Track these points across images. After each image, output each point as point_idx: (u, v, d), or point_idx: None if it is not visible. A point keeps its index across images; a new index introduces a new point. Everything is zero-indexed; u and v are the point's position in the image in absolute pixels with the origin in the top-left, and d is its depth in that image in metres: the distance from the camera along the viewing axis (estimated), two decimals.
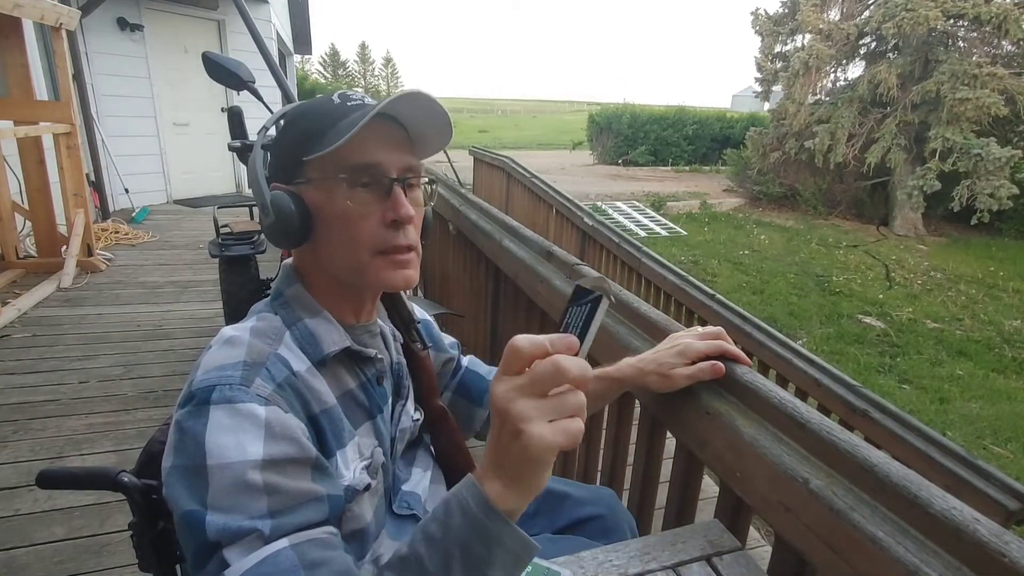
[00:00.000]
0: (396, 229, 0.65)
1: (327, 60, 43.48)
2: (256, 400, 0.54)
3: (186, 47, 6.12)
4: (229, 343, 0.60)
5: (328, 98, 0.67)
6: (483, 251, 1.86)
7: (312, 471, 0.56)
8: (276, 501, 0.51)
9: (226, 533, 0.48)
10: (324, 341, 0.66)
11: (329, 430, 0.63)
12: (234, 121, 1.88)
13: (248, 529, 0.49)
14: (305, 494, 0.53)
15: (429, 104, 0.64)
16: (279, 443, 0.53)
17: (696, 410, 0.82)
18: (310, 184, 0.64)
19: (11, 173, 3.66)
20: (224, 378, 0.55)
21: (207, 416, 0.53)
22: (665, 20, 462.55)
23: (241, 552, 0.48)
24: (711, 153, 17.00)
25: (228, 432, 0.52)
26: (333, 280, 0.68)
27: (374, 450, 0.69)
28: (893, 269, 8.00)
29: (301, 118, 0.66)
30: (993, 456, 3.77)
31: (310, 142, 0.63)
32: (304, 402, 0.61)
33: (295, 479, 0.53)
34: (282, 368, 0.60)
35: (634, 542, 0.71)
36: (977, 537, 0.51)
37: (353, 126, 0.60)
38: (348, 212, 0.63)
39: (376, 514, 0.69)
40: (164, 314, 3.19)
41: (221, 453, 0.51)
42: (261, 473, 0.51)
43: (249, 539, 0.48)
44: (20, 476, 1.81)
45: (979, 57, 9.72)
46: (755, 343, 2.22)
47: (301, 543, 0.50)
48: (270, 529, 0.49)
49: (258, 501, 0.50)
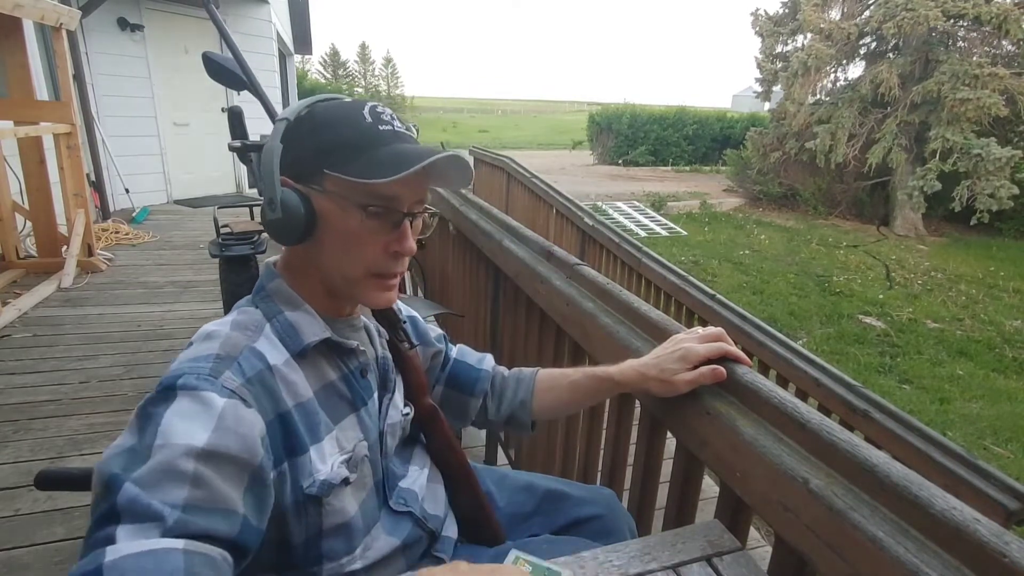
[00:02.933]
0: (395, 259, 0.68)
1: (327, 60, 43.43)
2: (220, 391, 0.55)
3: (186, 47, 6.12)
4: (207, 338, 0.62)
5: (358, 111, 0.66)
6: (483, 251, 1.86)
7: (248, 478, 0.54)
8: (196, 495, 0.49)
9: (133, 505, 0.46)
10: (304, 332, 0.67)
11: (303, 424, 0.63)
12: (234, 121, 1.88)
13: (154, 512, 0.46)
14: (227, 501, 0.51)
15: (460, 165, 0.68)
16: (226, 436, 0.53)
17: (696, 410, 0.82)
18: (325, 194, 0.65)
19: (11, 173, 3.66)
20: (194, 368, 0.56)
21: (172, 401, 0.53)
22: (665, 20, 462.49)
23: (133, 533, 0.45)
24: (711, 153, 17.00)
25: (185, 417, 0.52)
26: (320, 280, 0.70)
27: (357, 444, 0.69)
28: (893, 269, 8.00)
29: (328, 127, 0.65)
30: (993, 456, 3.77)
31: (335, 156, 0.64)
32: (275, 398, 0.61)
33: (226, 480, 0.52)
34: (256, 363, 0.61)
35: (634, 542, 0.71)
36: (977, 537, 0.51)
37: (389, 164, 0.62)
38: (357, 233, 0.65)
39: (363, 508, 0.69)
40: (164, 314, 3.19)
41: (169, 434, 0.51)
42: (195, 462, 0.50)
43: (149, 524, 0.46)
44: (20, 476, 1.81)
45: (980, 57, 9.73)
46: (755, 343, 2.21)
47: (195, 552, 0.46)
48: (174, 521, 0.47)
49: (179, 488, 0.48)
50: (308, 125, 0.67)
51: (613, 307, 1.13)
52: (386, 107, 0.69)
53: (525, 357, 1.64)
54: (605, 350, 1.09)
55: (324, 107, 0.68)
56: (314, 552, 0.65)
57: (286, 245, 0.69)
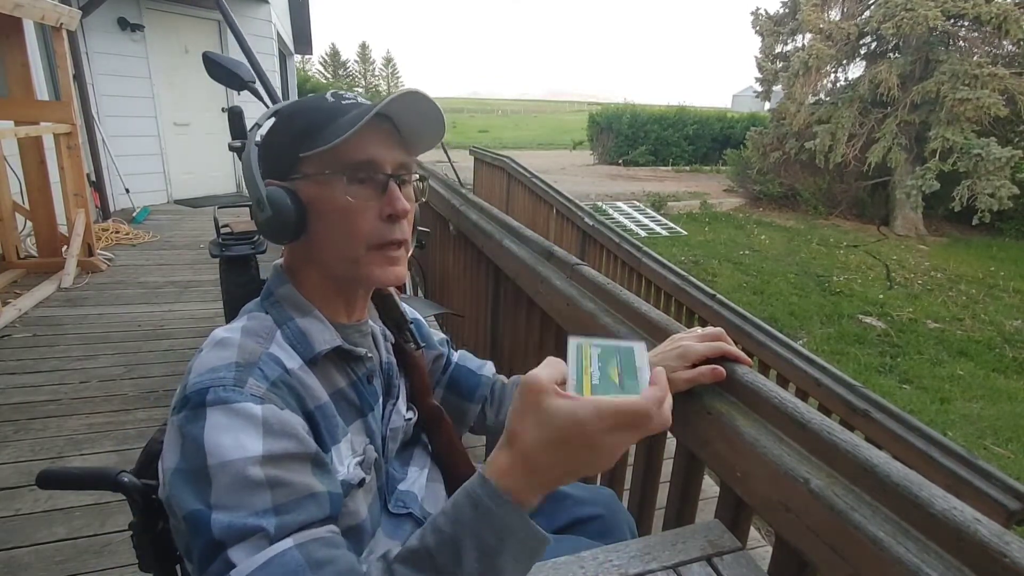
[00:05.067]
0: (392, 223, 0.67)
1: (327, 60, 43.50)
2: (251, 399, 0.55)
3: (186, 47, 6.12)
4: (220, 345, 0.61)
5: (321, 96, 0.68)
6: (483, 251, 1.86)
7: (312, 466, 0.56)
8: (280, 495, 0.51)
9: (231, 531, 0.48)
10: (315, 340, 0.66)
11: (324, 426, 0.63)
12: (234, 121, 1.89)
13: (253, 528, 0.48)
14: (307, 488, 0.53)
15: (425, 103, 0.66)
16: (278, 439, 0.54)
17: (697, 410, 0.82)
18: (306, 180, 0.65)
19: (12, 173, 3.66)
20: (217, 380, 0.55)
21: (204, 418, 0.53)
22: (665, 20, 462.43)
23: (247, 552, 0.48)
24: (711, 153, 17.00)
25: (226, 432, 0.52)
26: (325, 277, 0.69)
27: (366, 447, 0.70)
28: (894, 269, 8.00)
29: (296, 116, 0.67)
30: (994, 456, 3.77)
31: (306, 139, 0.64)
32: (299, 398, 0.61)
33: (297, 473, 0.54)
34: (275, 367, 0.61)
35: (634, 542, 0.71)
36: (978, 538, 0.51)
37: (351, 124, 0.61)
38: (346, 207, 0.64)
39: (371, 511, 0.69)
40: (164, 314, 3.19)
41: (221, 452, 0.51)
42: (262, 468, 0.51)
43: (254, 538, 0.48)
44: (21, 476, 1.81)
45: (980, 57, 9.72)
46: (755, 343, 2.22)
47: (306, 542, 0.50)
48: (275, 528, 0.49)
49: (262, 496, 0.50)
50: (277, 123, 0.69)
51: (613, 307, 1.13)
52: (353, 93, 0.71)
53: (525, 357, 1.64)
54: None
55: (289, 104, 0.71)
56: None
57: (283, 243, 0.69)
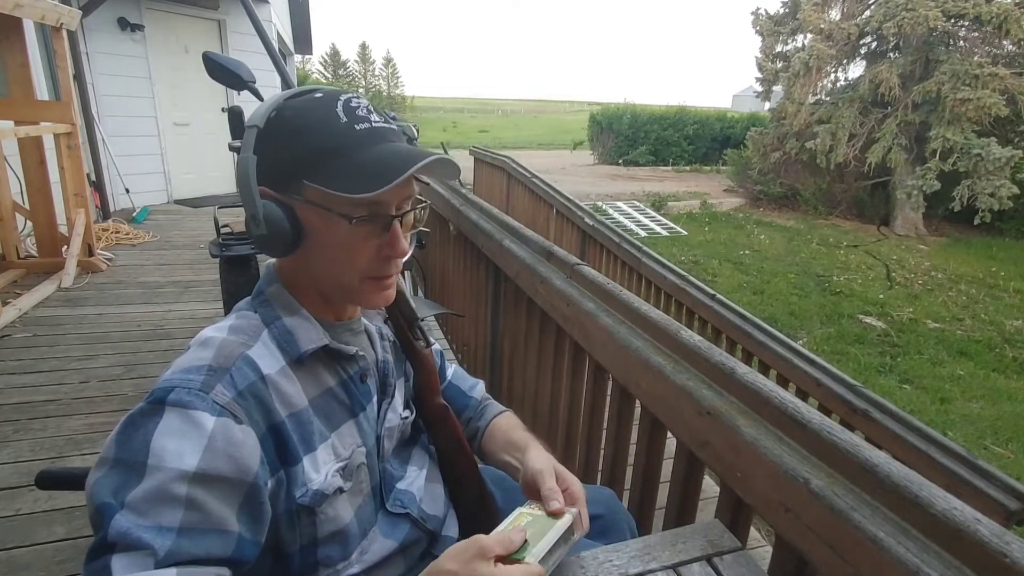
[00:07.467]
0: (388, 262, 0.67)
1: (328, 60, 43.51)
2: (210, 408, 0.54)
3: (186, 47, 6.12)
4: (203, 345, 0.61)
5: (331, 110, 0.63)
6: (483, 251, 1.86)
7: (243, 496, 0.55)
8: (190, 518, 0.50)
9: (124, 538, 0.47)
10: (301, 339, 0.66)
11: (296, 434, 0.62)
12: (235, 121, 1.88)
13: (145, 543, 0.47)
14: (221, 522, 0.52)
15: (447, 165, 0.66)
16: (217, 458, 0.53)
17: (697, 410, 0.82)
18: (307, 204, 0.63)
19: (12, 173, 3.66)
20: (185, 381, 0.55)
21: (160, 416, 0.53)
22: (665, 20, 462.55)
23: (127, 566, 0.47)
24: (712, 153, 17.00)
25: (174, 436, 0.52)
26: (314, 286, 0.69)
27: (355, 450, 0.69)
28: (894, 269, 8.00)
29: (303, 133, 0.62)
30: (994, 456, 3.77)
31: (312, 166, 0.61)
32: (267, 409, 0.60)
33: (219, 500, 0.52)
34: (248, 373, 0.60)
35: (634, 542, 0.71)
36: (978, 537, 0.51)
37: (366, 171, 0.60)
38: (346, 242, 0.64)
39: (359, 514, 0.69)
40: (165, 314, 3.19)
41: (161, 455, 0.51)
42: (188, 485, 0.50)
43: (141, 554, 0.47)
44: (21, 476, 1.81)
45: (980, 57, 9.72)
46: (755, 343, 2.22)
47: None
48: (166, 552, 0.48)
49: (173, 512, 0.49)
50: (280, 130, 0.63)
51: (614, 307, 1.13)
52: (360, 98, 0.66)
53: (525, 357, 1.64)
54: (605, 350, 1.09)
55: (295, 108, 0.64)
56: (310, 559, 0.65)
57: (276, 257, 0.69)
